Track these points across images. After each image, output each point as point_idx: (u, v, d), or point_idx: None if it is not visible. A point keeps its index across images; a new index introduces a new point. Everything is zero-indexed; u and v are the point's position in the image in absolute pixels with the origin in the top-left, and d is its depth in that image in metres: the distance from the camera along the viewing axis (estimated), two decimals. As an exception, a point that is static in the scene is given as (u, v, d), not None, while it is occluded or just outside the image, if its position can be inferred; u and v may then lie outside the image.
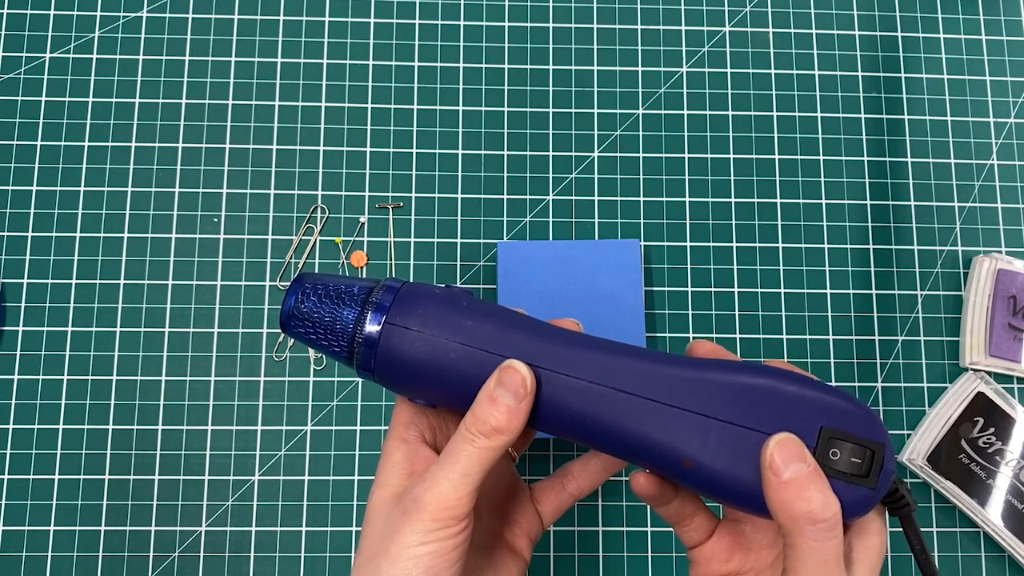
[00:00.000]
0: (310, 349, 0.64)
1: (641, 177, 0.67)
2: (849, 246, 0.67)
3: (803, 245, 0.67)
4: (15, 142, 0.66)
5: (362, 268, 0.65)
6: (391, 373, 0.32)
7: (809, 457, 0.28)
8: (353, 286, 0.33)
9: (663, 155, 0.68)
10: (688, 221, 0.67)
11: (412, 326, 0.31)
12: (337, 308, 0.32)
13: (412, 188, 0.67)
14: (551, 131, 0.68)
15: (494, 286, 0.65)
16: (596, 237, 0.66)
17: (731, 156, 0.68)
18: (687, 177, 0.68)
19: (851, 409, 0.30)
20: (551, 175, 0.67)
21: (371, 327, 0.32)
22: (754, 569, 0.33)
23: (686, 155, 0.68)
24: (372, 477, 0.62)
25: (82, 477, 0.61)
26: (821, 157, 0.68)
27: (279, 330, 0.64)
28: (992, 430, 0.61)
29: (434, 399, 0.33)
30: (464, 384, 0.31)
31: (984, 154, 0.69)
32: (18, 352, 0.63)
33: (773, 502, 0.28)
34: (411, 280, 0.34)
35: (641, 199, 0.67)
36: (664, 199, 0.67)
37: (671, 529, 0.63)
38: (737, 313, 0.65)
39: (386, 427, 0.63)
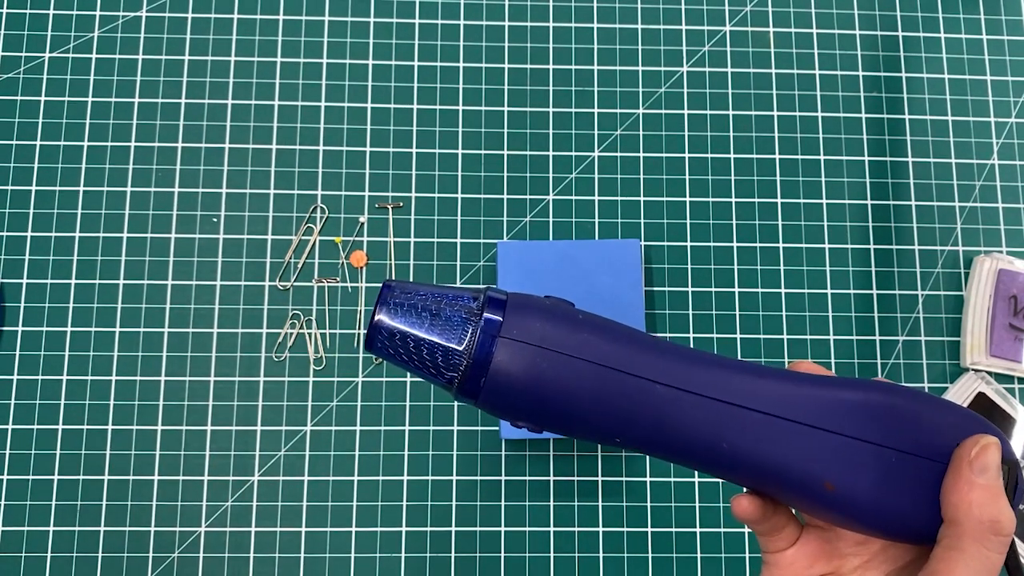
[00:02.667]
0: (310, 348, 0.63)
1: (641, 177, 0.67)
2: (850, 246, 0.67)
3: (804, 245, 0.67)
4: (14, 142, 0.66)
5: (362, 268, 0.65)
6: (501, 396, 0.28)
7: (1001, 470, 0.27)
8: (451, 296, 0.29)
9: (663, 155, 0.68)
10: (688, 221, 0.67)
11: (531, 340, 0.28)
12: (438, 324, 0.28)
13: (412, 188, 0.66)
14: (551, 131, 0.68)
15: (494, 286, 0.65)
16: (596, 237, 0.66)
17: (731, 156, 0.68)
18: (687, 177, 0.67)
19: (971, 425, 0.29)
20: (551, 175, 0.67)
21: (483, 344, 0.28)
22: (835, 574, 0.32)
23: (686, 155, 0.68)
24: (372, 477, 0.62)
25: (81, 477, 0.61)
26: (822, 157, 0.68)
27: (278, 329, 0.64)
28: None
29: (544, 424, 0.30)
30: (590, 407, 0.28)
31: (985, 154, 0.69)
32: (17, 352, 0.63)
33: (960, 502, 0.27)
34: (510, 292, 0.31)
35: (641, 199, 0.67)
36: (664, 199, 0.67)
37: (671, 529, 0.63)
38: (737, 313, 0.65)
39: (386, 427, 0.63)
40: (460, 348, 0.28)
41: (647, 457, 0.63)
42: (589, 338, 0.29)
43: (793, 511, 0.34)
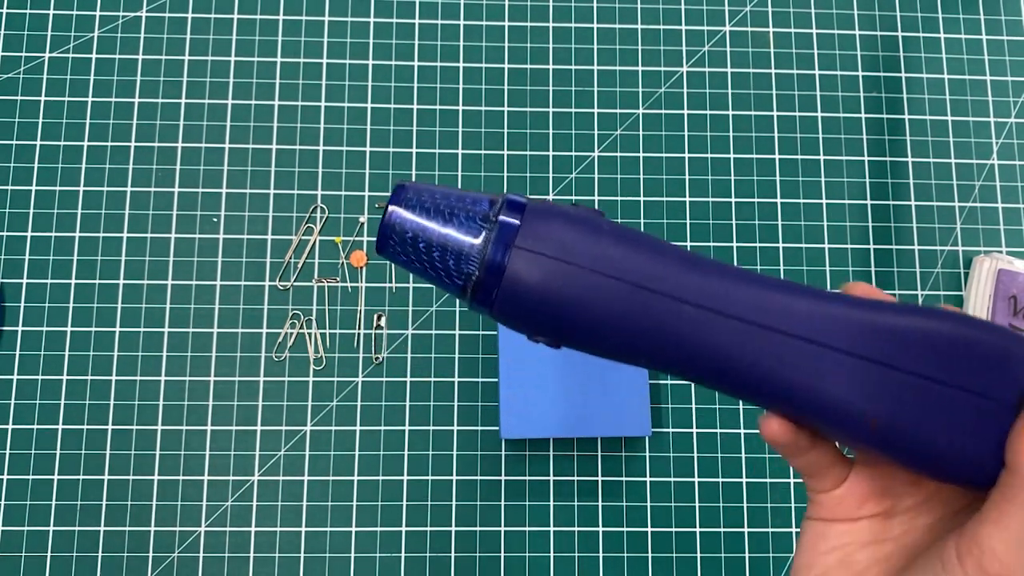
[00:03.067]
0: (310, 348, 0.63)
1: (641, 177, 0.67)
2: (849, 246, 0.67)
3: (803, 245, 0.67)
4: (14, 142, 0.66)
5: (362, 268, 0.65)
6: (517, 307, 0.27)
7: None
8: (467, 198, 0.28)
9: (663, 155, 0.68)
10: (688, 221, 0.67)
11: (548, 252, 0.26)
12: (451, 227, 0.27)
13: (412, 188, 0.66)
14: (551, 131, 0.68)
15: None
16: (596, 237, 0.66)
17: (731, 156, 0.68)
18: (687, 177, 0.68)
19: None
20: (551, 175, 0.67)
21: (496, 251, 0.26)
22: (886, 514, 0.30)
23: (686, 155, 0.68)
24: (372, 477, 0.62)
25: (81, 477, 0.61)
26: (821, 157, 0.68)
27: (278, 329, 0.64)
28: None
29: (564, 340, 0.28)
30: (612, 326, 0.27)
31: (985, 154, 0.69)
32: (17, 352, 0.63)
33: None
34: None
35: (641, 199, 0.67)
36: (664, 199, 0.67)
37: (671, 529, 0.63)
38: (737, 313, 0.65)
39: (386, 427, 0.63)
40: (473, 254, 0.27)
41: (647, 457, 0.63)
42: (612, 251, 0.27)
43: (838, 447, 0.31)
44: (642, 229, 0.66)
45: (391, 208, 0.27)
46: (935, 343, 0.26)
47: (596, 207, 0.67)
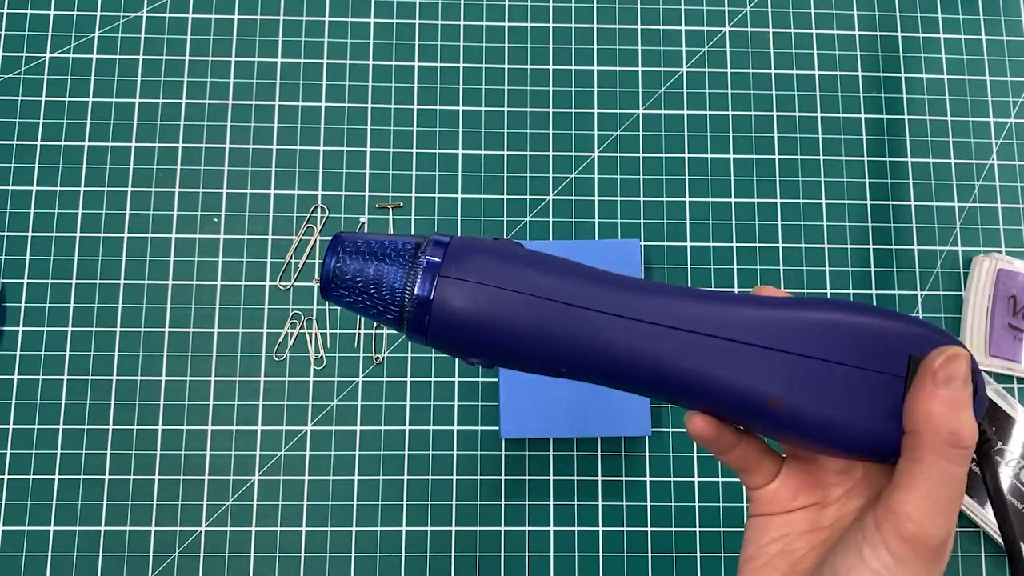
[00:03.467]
0: (310, 348, 0.64)
1: (641, 177, 0.67)
2: (849, 246, 0.67)
3: (803, 245, 0.67)
4: (15, 142, 0.66)
5: (362, 268, 0.65)
6: (447, 332, 0.30)
7: (969, 382, 0.27)
8: (397, 241, 0.31)
9: (663, 155, 0.68)
10: (688, 221, 0.67)
11: (469, 278, 0.29)
12: (383, 266, 0.30)
13: (412, 188, 0.67)
14: (551, 131, 0.68)
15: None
16: (596, 237, 0.66)
17: (731, 156, 0.68)
18: (687, 177, 0.68)
19: (935, 337, 0.28)
20: (551, 175, 0.67)
21: (424, 283, 0.29)
22: (820, 503, 0.32)
23: (686, 155, 0.68)
24: (372, 477, 0.62)
25: (82, 477, 0.61)
26: (821, 157, 0.68)
27: (278, 329, 0.64)
28: (993, 430, 0.61)
29: (493, 359, 0.31)
30: (530, 339, 0.29)
31: (984, 154, 0.69)
32: (18, 352, 0.63)
33: (919, 412, 0.26)
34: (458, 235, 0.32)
35: (641, 199, 0.67)
36: (664, 199, 0.67)
37: (670, 529, 0.63)
38: (737, 313, 0.65)
39: (386, 427, 0.63)
40: (403, 288, 0.30)
41: (647, 457, 0.63)
42: (525, 271, 0.30)
43: (767, 443, 0.33)
44: (642, 230, 0.66)
45: (329, 257, 0.31)
46: (827, 328, 0.29)
47: (594, 208, 0.67)
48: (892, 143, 0.69)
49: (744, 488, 0.34)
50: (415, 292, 0.29)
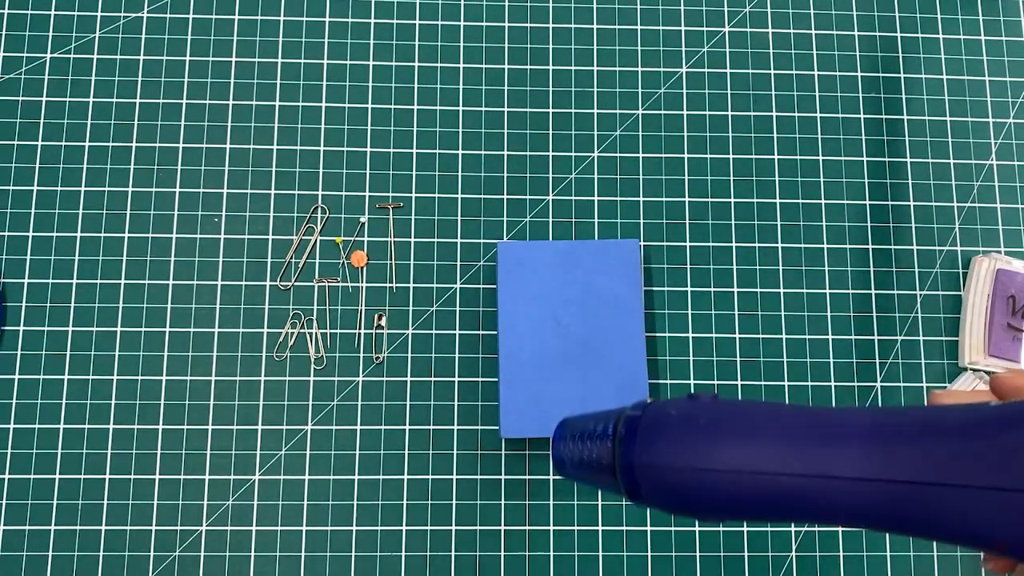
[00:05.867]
0: (310, 348, 0.64)
1: (641, 177, 0.68)
2: (848, 246, 0.67)
3: (802, 245, 0.67)
4: (16, 142, 0.66)
5: (362, 268, 0.65)
6: (665, 505, 0.31)
7: None
8: (597, 424, 0.33)
9: (663, 155, 0.68)
10: (688, 221, 0.67)
11: (660, 463, 0.31)
12: (589, 452, 0.33)
13: (412, 188, 0.67)
14: (551, 131, 0.68)
15: (494, 286, 0.65)
16: (596, 237, 0.66)
17: (731, 156, 0.68)
18: (687, 177, 0.68)
19: None
20: (551, 175, 0.67)
21: (626, 474, 0.31)
22: None
23: (686, 155, 0.68)
24: (372, 476, 0.62)
25: (83, 477, 0.61)
26: (820, 157, 0.68)
27: (278, 329, 0.64)
28: None
29: (719, 519, 0.32)
30: (730, 507, 0.30)
31: (983, 154, 0.69)
32: (19, 352, 0.63)
33: None
34: (649, 399, 0.34)
35: (641, 199, 0.67)
36: (664, 199, 0.67)
37: (670, 528, 0.63)
38: (737, 313, 0.66)
39: (386, 426, 0.63)
40: (612, 481, 0.32)
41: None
42: (712, 447, 0.30)
43: None
44: (642, 230, 0.67)
45: (555, 445, 0.35)
46: None
47: (594, 208, 0.67)
48: (891, 143, 0.69)
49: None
50: (622, 482, 0.31)
